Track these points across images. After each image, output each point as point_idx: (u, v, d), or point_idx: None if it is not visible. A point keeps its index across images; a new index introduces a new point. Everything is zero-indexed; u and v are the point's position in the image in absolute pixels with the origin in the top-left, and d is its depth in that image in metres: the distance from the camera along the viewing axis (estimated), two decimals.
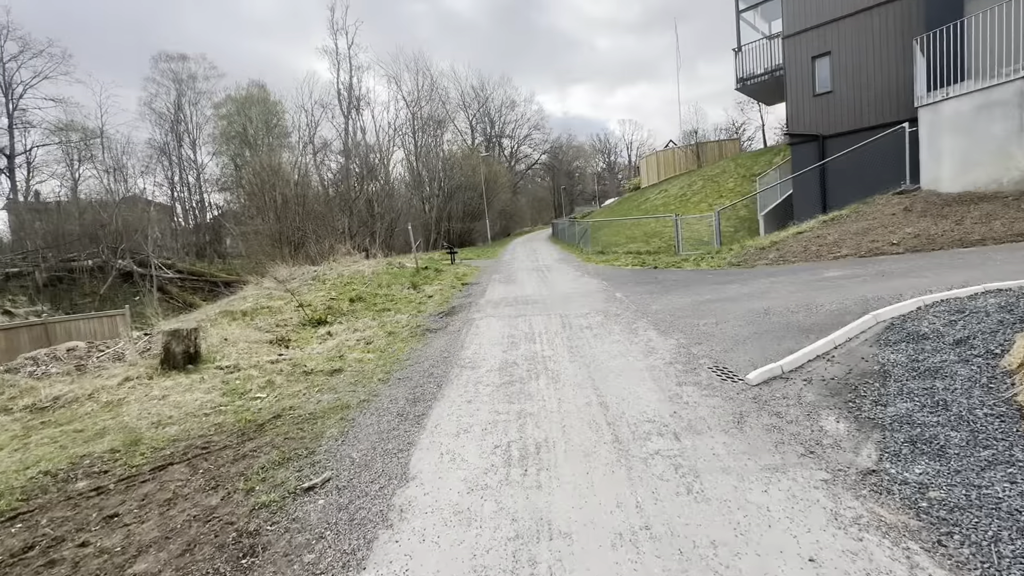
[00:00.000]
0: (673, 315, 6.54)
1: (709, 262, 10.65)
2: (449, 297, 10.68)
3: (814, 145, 12.82)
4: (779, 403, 3.59)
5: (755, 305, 6.31)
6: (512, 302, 8.98)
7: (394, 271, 14.10)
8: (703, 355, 4.82)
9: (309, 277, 13.21)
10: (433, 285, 12.52)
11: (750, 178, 20.93)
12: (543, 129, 66.61)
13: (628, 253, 14.92)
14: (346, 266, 14.81)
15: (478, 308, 8.80)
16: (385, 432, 3.80)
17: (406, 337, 7.37)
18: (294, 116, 35.89)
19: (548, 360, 5.18)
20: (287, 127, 38.62)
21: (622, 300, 8.01)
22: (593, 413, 3.73)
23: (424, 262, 16.57)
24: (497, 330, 6.85)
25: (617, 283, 9.82)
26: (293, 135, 36.79)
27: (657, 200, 24.58)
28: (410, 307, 9.95)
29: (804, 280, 7.27)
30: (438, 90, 39.73)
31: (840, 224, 9.70)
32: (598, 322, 6.66)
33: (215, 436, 4.13)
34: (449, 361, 5.56)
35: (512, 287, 10.95)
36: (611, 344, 5.53)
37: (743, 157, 24.90)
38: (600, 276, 11.13)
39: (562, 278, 11.55)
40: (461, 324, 7.64)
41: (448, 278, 13.47)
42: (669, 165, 31.19)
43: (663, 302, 7.46)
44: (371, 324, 8.64)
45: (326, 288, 11.78)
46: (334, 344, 7.43)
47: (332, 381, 5.41)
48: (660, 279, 9.68)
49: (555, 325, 6.76)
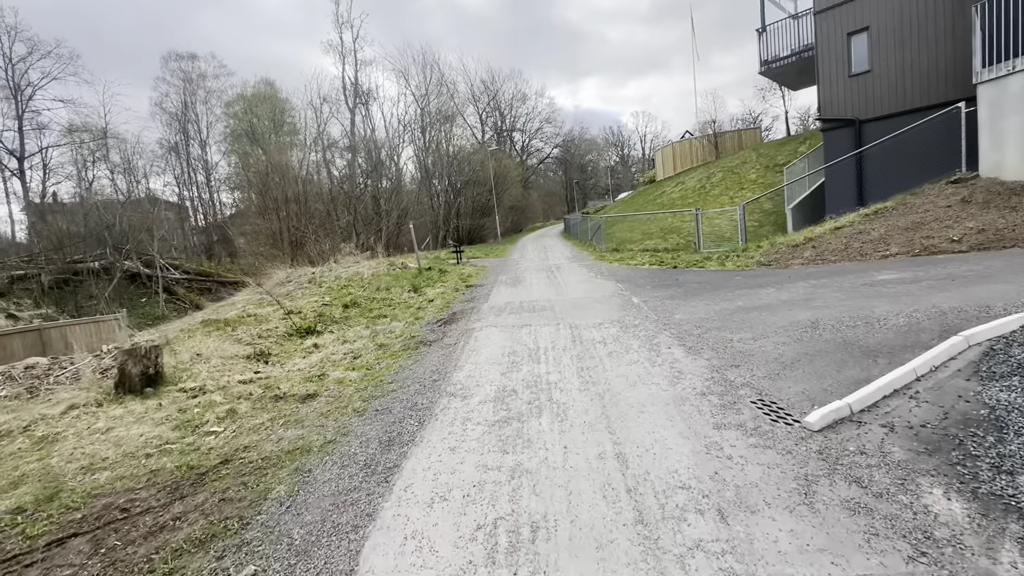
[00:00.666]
0: (700, 327, 5.64)
1: (735, 261, 9.67)
2: (451, 301, 9.88)
3: (849, 131, 11.70)
4: (856, 462, 2.71)
5: (799, 316, 5.38)
6: (517, 308, 8.14)
7: (395, 272, 13.36)
8: (743, 383, 3.94)
9: (305, 280, 12.53)
10: (435, 288, 11.73)
11: (774, 169, 19.73)
12: (555, 123, 65.41)
13: (644, 251, 13.96)
14: (346, 267, 14.11)
15: (480, 315, 7.98)
16: (343, 494, 3.00)
17: (397, 351, 6.59)
18: (303, 112, 35.42)
19: (554, 387, 4.33)
20: (295, 124, 38.19)
21: (640, 307, 7.12)
22: (608, 472, 2.88)
23: (428, 262, 15.80)
24: (497, 344, 6.02)
25: (633, 286, 8.91)
26: (300, 133, 36.36)
27: (674, 193, 23.46)
28: (407, 313, 9.18)
29: (853, 284, 6.29)
30: (446, 83, 38.89)
31: (885, 218, 8.64)
32: (613, 335, 5.79)
33: (143, 491, 3.38)
34: (438, 386, 4.75)
35: (519, 290, 10.10)
36: (629, 366, 4.66)
37: (765, 147, 23.62)
38: (615, 277, 10.22)
39: (573, 279, 10.67)
40: (459, 335, 6.83)
41: (452, 280, 12.67)
42: (685, 156, 29.94)
43: (687, 310, 6.55)
44: (363, 334, 7.89)
45: (320, 292, 11.07)
46: (318, 359, 6.69)
47: (303, 411, 4.64)
48: (682, 281, 8.74)
49: (563, 338, 5.90)
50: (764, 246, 9.84)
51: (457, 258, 16.50)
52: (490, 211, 31.72)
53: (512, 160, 46.43)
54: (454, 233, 30.13)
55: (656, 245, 14.48)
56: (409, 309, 9.62)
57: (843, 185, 11.77)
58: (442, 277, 13.18)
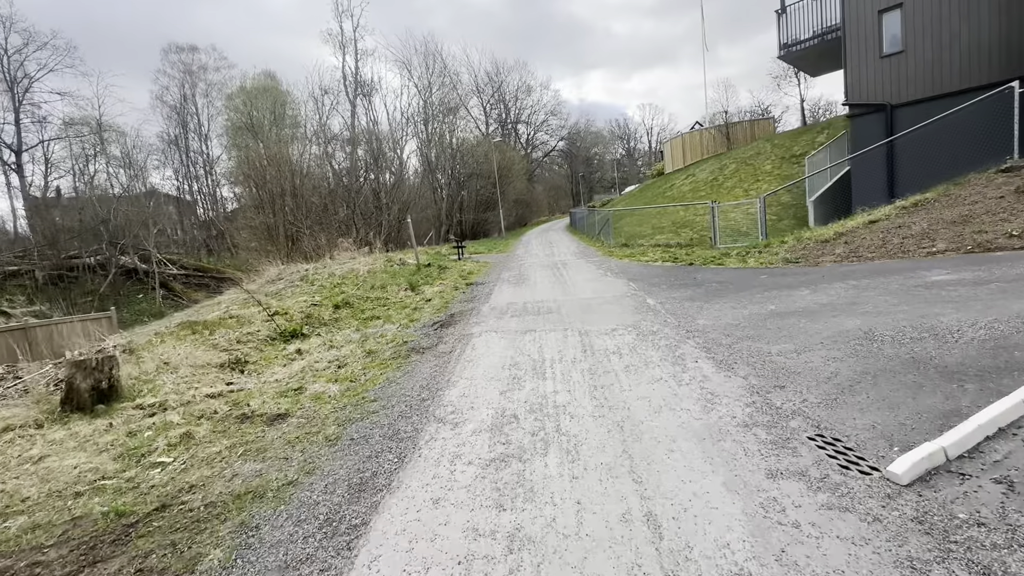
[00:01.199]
0: (730, 335, 4.91)
1: (758, 258, 8.91)
2: (449, 301, 9.20)
3: (879, 116, 10.85)
4: (976, 539, 1.99)
5: (846, 323, 4.64)
6: (521, 310, 7.44)
7: (393, 269, 12.68)
8: (793, 410, 3.22)
9: (298, 277, 11.88)
10: (434, 286, 11.04)
11: (790, 160, 18.84)
12: (560, 115, 64.44)
13: (656, 246, 13.19)
14: (342, 264, 13.45)
15: (480, 318, 7.29)
16: (290, 569, 2.32)
17: (386, 359, 5.92)
18: (303, 105, 34.73)
19: (562, 412, 3.63)
20: (297, 117, 37.52)
21: (657, 310, 6.39)
22: (637, 545, 2.18)
23: (428, 258, 15.11)
24: (497, 354, 5.32)
25: (647, 285, 8.18)
26: (301, 126, 35.69)
27: (684, 186, 22.60)
28: (402, 315, 8.51)
29: (903, 286, 5.53)
30: (449, 74, 38.03)
31: (927, 210, 7.84)
32: (629, 344, 5.07)
33: (53, 550, 2.73)
34: (426, 408, 4.06)
35: (522, 289, 9.39)
36: (650, 384, 3.95)
37: (779, 137, 22.69)
38: (626, 275, 9.48)
39: (581, 278, 9.94)
40: (455, 342, 6.14)
41: (452, 277, 11.98)
42: (695, 148, 29.00)
43: (711, 314, 5.82)
44: (352, 338, 7.23)
45: (312, 291, 10.42)
46: (299, 368, 6.03)
47: (269, 436, 3.98)
48: (700, 280, 8.00)
49: (572, 347, 5.19)
50: (789, 241, 9.06)
51: (458, 254, 15.79)
52: (494, 205, 30.94)
53: (516, 153, 45.56)
54: (457, 228, 29.38)
55: (668, 240, 13.71)
56: (404, 310, 8.95)
57: (872, 175, 10.93)
58: (442, 274, 12.49)
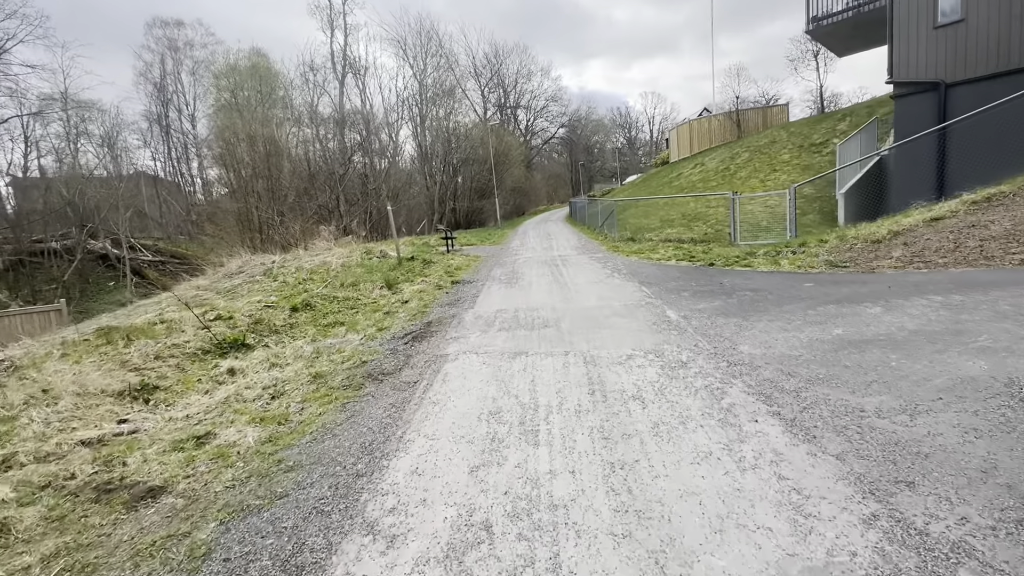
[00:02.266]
0: (792, 373, 3.58)
1: (792, 261, 7.54)
2: (429, 304, 7.83)
3: (930, 97, 9.43)
4: None
5: (965, 365, 3.30)
6: (511, 322, 6.07)
7: (370, 263, 11.27)
8: (952, 542, 1.89)
9: (261, 271, 10.47)
10: (415, 284, 9.66)
11: (809, 149, 17.43)
12: (561, 101, 62.54)
13: (667, 242, 11.81)
14: (315, 255, 12.03)
15: (460, 330, 5.93)
16: None
17: (335, 388, 4.57)
18: (290, 84, 32.88)
19: (563, 523, 2.28)
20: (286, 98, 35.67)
21: (682, 328, 5.04)
22: None
23: (413, 250, 13.69)
24: (475, 392, 3.96)
25: (664, 291, 6.82)
26: (290, 106, 33.83)
27: (693, 175, 21.16)
28: (371, 321, 7.15)
29: (1018, 307, 4.18)
30: (445, 54, 36.14)
31: (1005, 207, 6.48)
32: (653, 383, 3.72)
33: None
34: (357, 495, 2.70)
35: (515, 292, 8.02)
36: (696, 464, 2.60)
37: (795, 125, 21.22)
38: (636, 276, 8.11)
39: (583, 278, 8.57)
40: (425, 366, 4.79)
41: (437, 273, 10.59)
42: (703, 136, 27.50)
43: (757, 337, 4.47)
44: (303, 352, 5.88)
45: (271, 288, 9.02)
46: (222, 398, 4.68)
47: (116, 536, 2.63)
48: (728, 287, 6.64)
49: (576, 385, 3.84)
50: (830, 241, 7.68)
51: (447, 245, 14.37)
52: (490, 193, 29.40)
53: (514, 138, 43.83)
54: (451, 216, 27.85)
55: (680, 235, 12.33)
56: (375, 314, 7.58)
57: (917, 165, 9.54)
58: (425, 269, 11.10)
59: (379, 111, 32.13)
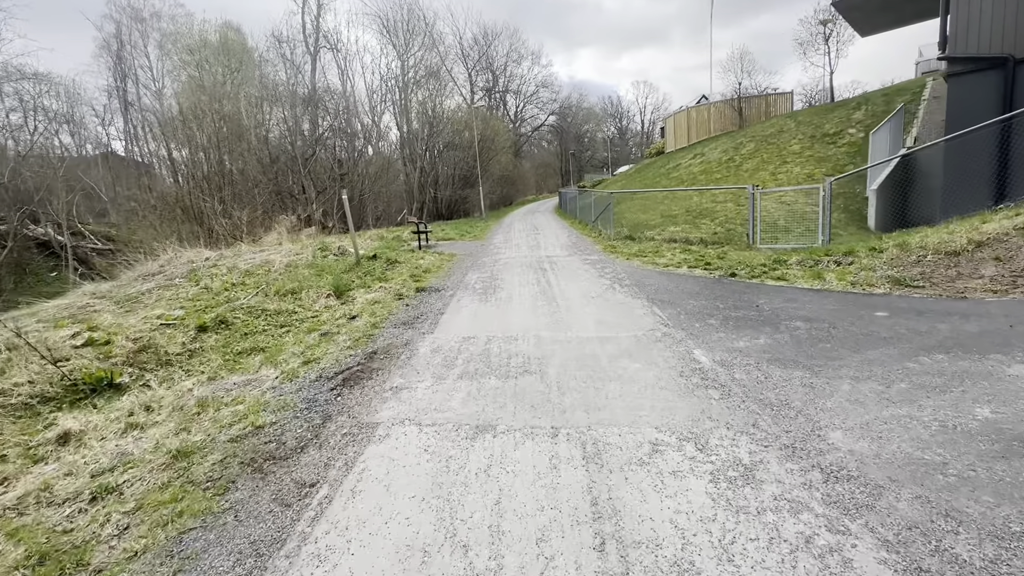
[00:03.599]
0: (958, 517, 1.95)
1: (840, 275, 5.98)
2: (380, 322, 6.14)
3: (993, 76, 7.90)
4: None
5: None
6: (479, 362, 4.41)
7: (323, 262, 9.48)
8: None
9: (184, 271, 8.64)
10: (372, 290, 7.94)
11: (822, 139, 15.93)
12: (552, 87, 60.47)
13: (672, 242, 10.21)
14: (261, 251, 10.21)
15: (406, 375, 4.26)
16: None
17: (191, 486, 2.93)
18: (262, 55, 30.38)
19: None
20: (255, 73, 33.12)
21: (723, 384, 3.43)
22: None
23: (379, 246, 11.90)
24: (395, 532, 2.31)
25: (683, 313, 5.21)
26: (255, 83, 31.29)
27: (694, 167, 19.57)
28: (300, 347, 5.45)
29: None
30: (431, 32, 33.82)
31: None
32: (705, 517, 2.10)
33: None
34: None
35: (490, 309, 6.35)
36: None
37: (804, 114, 19.72)
38: (643, 289, 6.48)
39: (577, 291, 6.92)
40: (337, 450, 3.13)
41: (400, 277, 8.85)
42: (702, 125, 25.92)
43: (846, 412, 2.87)
44: (186, 402, 4.19)
45: (187, 296, 7.22)
46: (11, 500, 2.96)
47: None
48: (768, 311, 5.04)
49: (571, 523, 2.21)
50: (887, 249, 6.12)
51: (419, 240, 12.57)
52: (475, 181, 27.50)
53: (501, 123, 41.77)
54: (431, 205, 25.91)
55: (687, 234, 10.74)
56: (310, 335, 5.88)
57: (971, 160, 8.02)
58: (388, 271, 9.36)
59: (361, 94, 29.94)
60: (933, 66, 37.26)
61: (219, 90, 24.89)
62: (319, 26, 26.81)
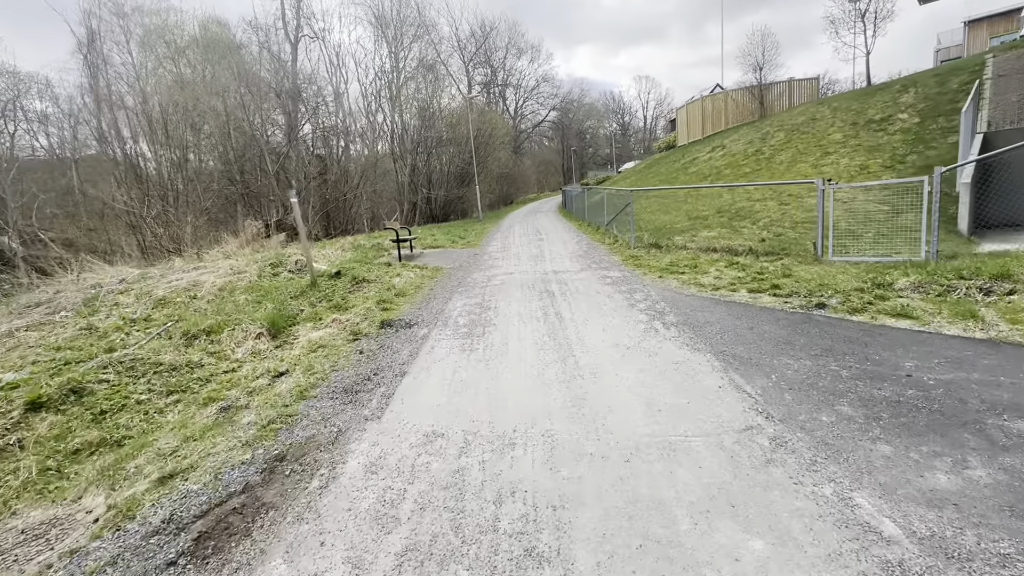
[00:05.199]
0: None
1: (1004, 311, 3.93)
2: (310, 389, 4.12)
3: None
4: None
5: None
6: (446, 501, 2.37)
7: (272, 283, 7.46)
8: None
9: (82, 298, 6.64)
10: (321, 325, 5.92)
11: (868, 126, 13.83)
12: (553, 81, 58.32)
13: (710, 252, 8.15)
14: (195, 268, 8.20)
15: (305, 540, 2.22)
16: None
17: None
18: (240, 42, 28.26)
19: None
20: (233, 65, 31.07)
21: None
22: None
23: (348, 259, 9.85)
24: None
25: (786, 391, 3.16)
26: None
27: (715, 160, 17.49)
28: (178, 438, 3.44)
29: None
30: (425, 23, 31.68)
31: None
32: None
33: None
34: None
35: (475, 365, 4.31)
36: None
37: (839, 99, 17.61)
38: (702, 336, 4.43)
39: (603, 336, 4.86)
40: None
41: (364, 304, 6.81)
42: (717, 115, 23.83)
43: None
44: None
45: (61, 339, 5.20)
46: None
47: None
48: (933, 386, 2.99)
49: None
50: None
51: (399, 250, 10.50)
52: (471, 179, 25.41)
53: (500, 116, 39.62)
54: (424, 206, 23.82)
55: (727, 240, 8.68)
56: (204, 409, 3.88)
57: None
58: (351, 295, 7.33)
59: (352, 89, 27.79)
60: (953, 53, 34.99)
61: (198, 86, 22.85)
62: (300, 11, 24.69)
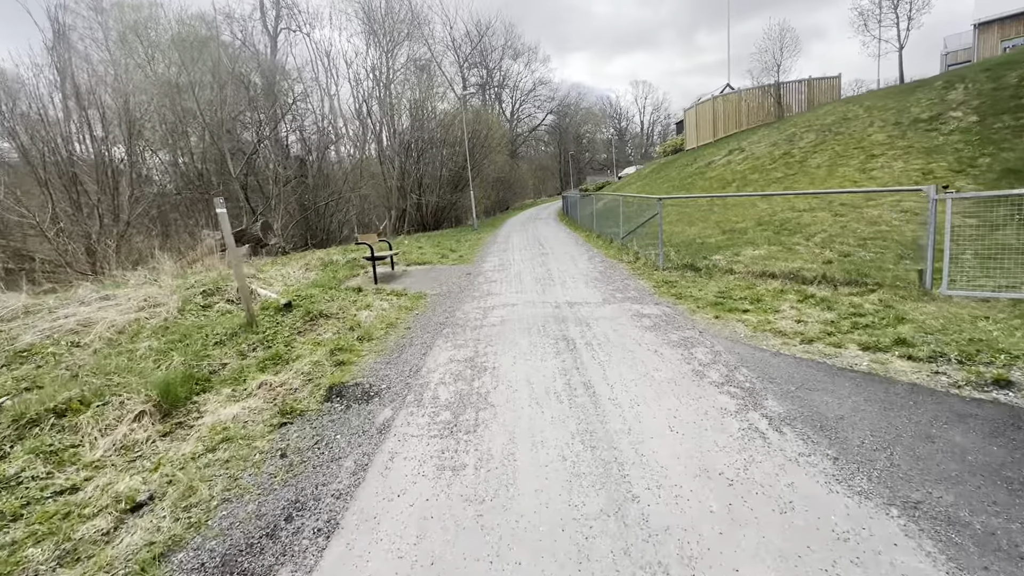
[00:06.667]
0: None
1: None
2: (177, 543, 2.25)
3: None
4: None
5: None
6: None
7: (198, 321, 5.63)
8: None
9: None
10: (243, 394, 4.09)
11: (914, 126, 12.19)
12: (549, 85, 56.85)
13: (766, 276, 6.38)
14: (102, 297, 6.33)
15: None
16: None
17: None
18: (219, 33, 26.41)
19: None
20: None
21: None
22: None
23: (313, 281, 8.00)
24: None
25: None
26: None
27: (736, 164, 15.81)
28: None
29: None
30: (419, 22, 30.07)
31: None
32: None
33: None
34: None
35: (456, 510, 2.49)
36: None
37: (872, 98, 16.00)
38: (845, 451, 2.62)
39: (668, 446, 3.06)
40: None
41: (314, 354, 4.96)
42: (730, 116, 22.22)
43: None
44: None
45: None
46: None
47: None
48: None
49: None
50: None
51: (374, 268, 8.65)
52: (466, 183, 23.69)
53: (495, 118, 37.94)
54: (415, 213, 22.00)
55: (783, 262, 6.90)
56: None
57: None
58: (303, 335, 5.48)
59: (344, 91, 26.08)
60: (962, 58, 33.84)
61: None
62: (280, 1, 22.92)
